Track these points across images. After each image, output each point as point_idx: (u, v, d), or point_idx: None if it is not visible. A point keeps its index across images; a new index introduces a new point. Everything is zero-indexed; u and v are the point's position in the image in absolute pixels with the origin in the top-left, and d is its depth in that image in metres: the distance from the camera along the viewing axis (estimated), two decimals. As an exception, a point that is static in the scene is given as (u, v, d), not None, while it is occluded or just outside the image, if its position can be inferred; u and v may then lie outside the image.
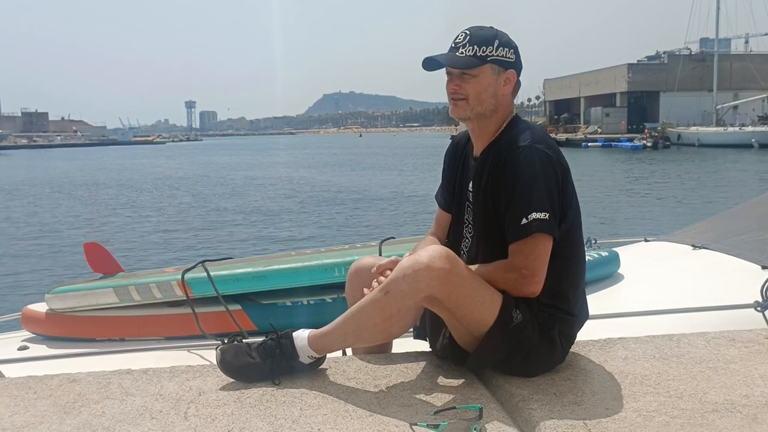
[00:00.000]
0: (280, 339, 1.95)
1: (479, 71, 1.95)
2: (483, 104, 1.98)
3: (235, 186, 27.74)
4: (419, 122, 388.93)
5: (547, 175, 1.88)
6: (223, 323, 2.91)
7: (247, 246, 12.89)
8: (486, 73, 1.96)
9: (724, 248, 3.46)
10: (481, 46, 1.95)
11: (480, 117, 2.00)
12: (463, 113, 2.00)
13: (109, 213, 19.00)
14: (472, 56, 1.94)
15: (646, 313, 2.79)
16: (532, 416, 1.71)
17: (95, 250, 3.58)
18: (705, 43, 68.08)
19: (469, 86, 1.96)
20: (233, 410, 1.77)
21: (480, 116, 2.00)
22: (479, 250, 2.03)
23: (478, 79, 1.96)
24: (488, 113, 2.00)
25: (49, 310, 3.24)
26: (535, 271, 1.87)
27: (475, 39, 1.95)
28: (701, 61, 61.63)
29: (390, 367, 2.06)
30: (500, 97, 1.99)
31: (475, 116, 2.00)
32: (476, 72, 1.95)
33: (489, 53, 1.95)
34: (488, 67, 1.96)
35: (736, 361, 2.08)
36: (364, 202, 20.32)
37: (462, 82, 1.97)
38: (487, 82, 1.97)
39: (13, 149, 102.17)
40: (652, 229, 11.74)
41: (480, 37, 1.96)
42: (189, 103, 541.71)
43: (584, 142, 53.50)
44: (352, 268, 2.18)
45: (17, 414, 1.79)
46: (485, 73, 1.96)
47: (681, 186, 23.38)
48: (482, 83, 1.96)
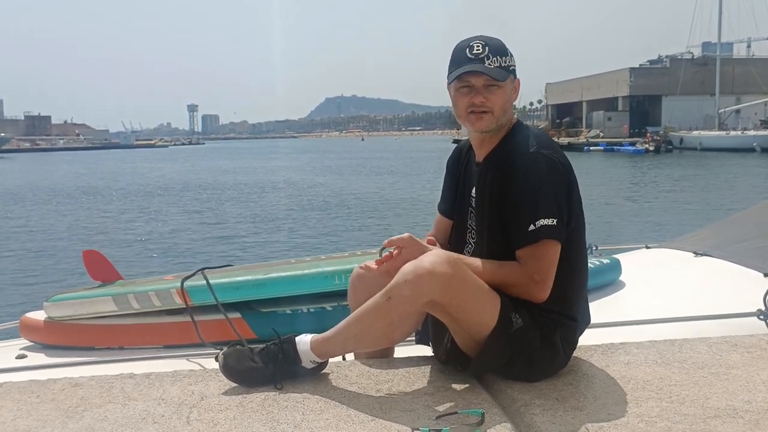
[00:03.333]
0: (283, 344, 1.96)
1: (506, 83, 1.96)
2: (506, 114, 1.99)
3: (235, 192, 27.66)
4: (421, 126, 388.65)
5: (554, 181, 1.89)
6: (222, 331, 2.89)
7: (247, 253, 12.86)
8: (509, 84, 1.98)
9: (726, 255, 3.45)
10: (502, 56, 1.95)
11: (500, 128, 2.00)
12: (489, 126, 1.98)
13: (109, 220, 18.92)
14: (498, 67, 1.93)
15: (647, 321, 2.78)
16: (534, 421, 1.71)
17: (94, 257, 3.57)
18: (707, 47, 68.04)
19: (496, 98, 1.95)
20: (235, 414, 1.77)
21: (501, 127, 2.00)
22: (482, 256, 2.03)
23: (504, 90, 1.96)
24: (506, 123, 2.01)
25: (47, 319, 3.22)
26: (545, 276, 1.88)
27: (495, 50, 1.95)
28: (703, 65, 61.61)
29: (392, 372, 2.06)
30: (511, 105, 2.01)
31: (498, 127, 1.99)
32: (503, 84, 1.96)
33: (510, 63, 1.96)
34: (510, 77, 1.97)
35: (738, 366, 2.07)
36: (366, 208, 20.30)
37: (489, 94, 1.95)
38: (509, 92, 1.98)
39: (15, 153, 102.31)
40: (653, 235, 11.73)
41: (497, 48, 1.95)
42: (191, 107, 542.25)
43: (586, 146, 53.46)
44: (354, 273, 2.18)
45: (20, 418, 1.79)
46: (508, 84, 1.97)
47: (683, 191, 23.35)
48: (506, 94, 1.97)
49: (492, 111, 1.96)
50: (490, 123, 1.97)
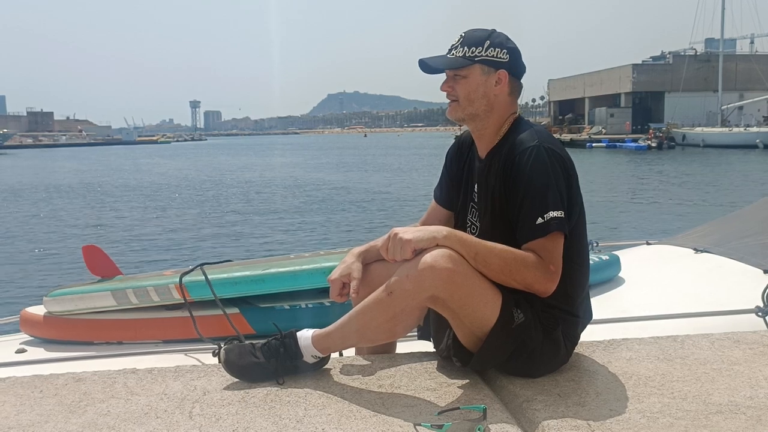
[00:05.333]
0: (284, 339, 1.96)
1: (468, 72, 1.98)
2: (473, 104, 1.99)
3: (235, 188, 27.68)
4: (423, 122, 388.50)
5: (558, 174, 1.88)
6: (220, 327, 2.90)
7: (246, 249, 12.86)
8: (475, 74, 1.98)
9: (726, 252, 3.44)
10: (471, 46, 1.97)
11: (473, 118, 2.02)
12: (456, 114, 2.03)
13: (108, 216, 18.96)
14: (461, 57, 1.97)
15: (646, 318, 2.79)
16: (536, 417, 1.71)
17: (94, 253, 3.58)
18: (710, 43, 67.93)
19: (460, 87, 1.99)
20: (238, 410, 1.78)
21: (473, 117, 2.02)
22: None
23: (468, 80, 1.98)
24: (482, 114, 2.01)
25: (47, 313, 3.24)
26: (558, 268, 1.87)
27: (468, 40, 1.98)
28: (706, 61, 61.50)
29: (394, 368, 2.07)
30: (492, 97, 2.00)
31: (468, 117, 2.02)
32: (465, 72, 1.98)
33: (478, 53, 1.97)
34: (477, 67, 1.97)
35: (740, 362, 2.07)
36: (367, 204, 20.31)
37: (453, 83, 2.00)
38: (476, 82, 1.98)
39: (18, 149, 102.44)
40: (654, 231, 11.72)
41: (472, 38, 1.98)
42: (193, 103, 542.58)
43: (588, 143, 53.39)
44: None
45: (23, 413, 1.80)
46: (474, 74, 1.98)
47: (684, 188, 23.32)
48: (471, 84, 1.98)
49: (458, 100, 2.00)
50: (457, 111, 2.02)
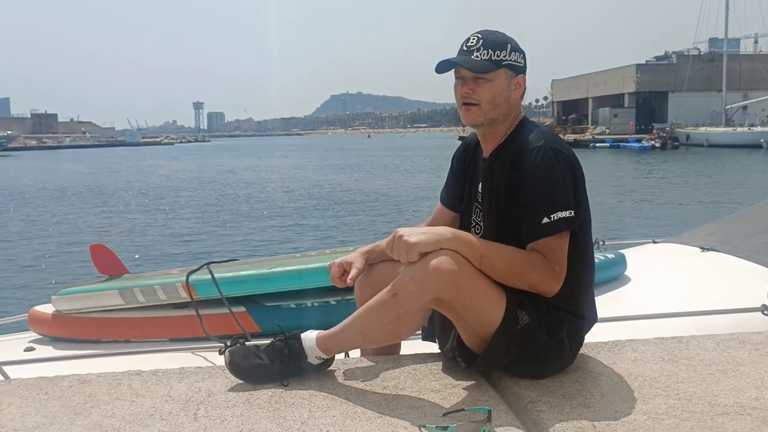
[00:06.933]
0: (289, 340, 1.96)
1: (494, 76, 1.93)
2: (496, 109, 1.96)
3: (241, 188, 27.75)
4: (427, 123, 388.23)
5: (564, 174, 1.88)
6: (227, 325, 2.91)
7: (252, 248, 12.90)
8: (500, 78, 1.94)
9: (733, 250, 3.44)
10: (496, 50, 1.93)
11: (492, 122, 1.99)
12: (476, 119, 1.97)
13: (115, 215, 19.07)
14: (487, 60, 1.92)
15: (652, 316, 2.78)
16: (541, 418, 1.71)
17: (101, 251, 3.60)
18: (714, 43, 67.77)
19: (483, 91, 1.94)
20: (242, 411, 1.78)
21: (492, 122, 1.98)
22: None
23: (493, 83, 1.94)
24: (501, 118, 1.99)
25: (55, 312, 3.26)
26: (564, 268, 1.87)
27: (489, 43, 1.93)
28: (710, 61, 61.37)
29: (398, 369, 2.06)
30: (512, 101, 1.98)
31: (488, 122, 1.98)
32: (491, 76, 1.93)
33: (503, 57, 1.94)
34: (503, 71, 1.94)
35: (746, 363, 2.07)
36: (372, 204, 20.32)
37: (476, 86, 1.94)
38: (501, 87, 1.95)
39: (22, 150, 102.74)
40: (660, 230, 11.69)
41: (493, 41, 1.94)
42: (197, 104, 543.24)
43: (592, 143, 53.32)
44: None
45: (28, 415, 1.80)
46: (500, 78, 1.94)
47: (689, 187, 23.28)
48: (497, 88, 1.94)
49: (479, 104, 1.95)
50: (477, 116, 1.96)
